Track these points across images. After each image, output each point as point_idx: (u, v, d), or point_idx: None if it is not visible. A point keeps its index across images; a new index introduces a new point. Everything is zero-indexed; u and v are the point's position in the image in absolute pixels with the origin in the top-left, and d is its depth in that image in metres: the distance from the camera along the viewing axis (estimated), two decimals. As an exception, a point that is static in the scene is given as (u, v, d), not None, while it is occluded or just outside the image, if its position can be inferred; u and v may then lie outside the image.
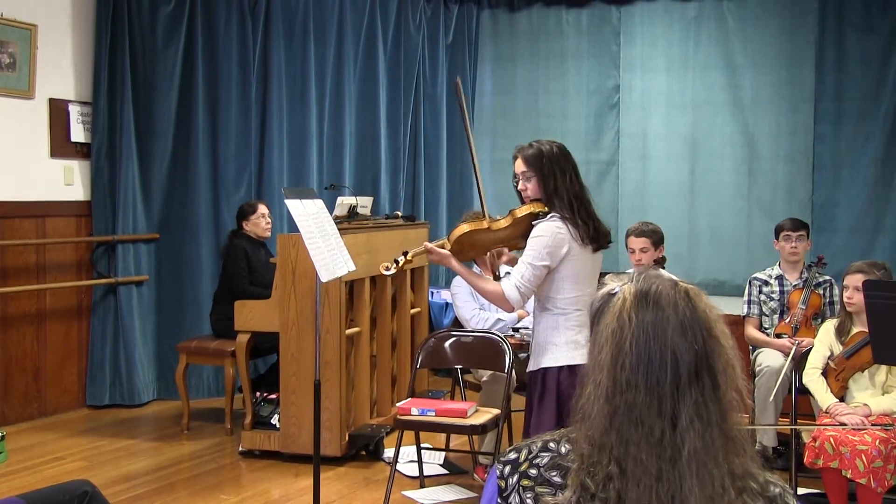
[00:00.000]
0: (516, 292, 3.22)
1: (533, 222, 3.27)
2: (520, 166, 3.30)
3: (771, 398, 4.52)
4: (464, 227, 3.37)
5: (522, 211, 3.30)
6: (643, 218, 5.53)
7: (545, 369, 3.23)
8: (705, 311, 1.36)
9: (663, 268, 4.61)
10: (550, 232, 3.19)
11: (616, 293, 1.40)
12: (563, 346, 3.21)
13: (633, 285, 1.39)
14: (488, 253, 3.58)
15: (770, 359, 4.67)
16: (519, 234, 3.34)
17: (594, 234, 3.22)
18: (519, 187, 3.32)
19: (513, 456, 1.45)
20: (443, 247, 3.40)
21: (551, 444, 1.44)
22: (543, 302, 3.29)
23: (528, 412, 3.32)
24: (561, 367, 3.19)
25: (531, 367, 3.32)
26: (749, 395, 4.21)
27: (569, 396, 3.10)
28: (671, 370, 1.32)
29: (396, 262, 3.42)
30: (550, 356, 3.23)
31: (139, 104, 6.21)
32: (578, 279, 3.22)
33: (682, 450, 1.30)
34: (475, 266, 5.05)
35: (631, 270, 4.76)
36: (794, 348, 4.58)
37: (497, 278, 3.45)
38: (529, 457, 1.43)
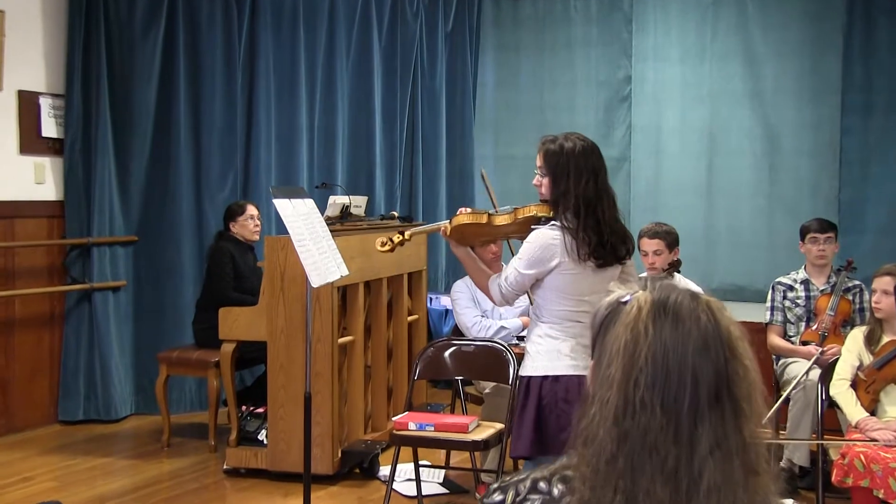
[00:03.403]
0: (498, 292, 3.36)
1: (532, 226, 3.30)
2: (539, 160, 3.31)
3: (809, 414, 4.49)
4: (462, 218, 3.44)
5: (525, 213, 3.35)
6: (656, 218, 5.51)
7: (528, 378, 3.27)
8: (729, 329, 1.31)
9: (678, 271, 4.59)
10: (542, 242, 3.21)
11: (627, 301, 1.34)
12: (544, 354, 3.25)
13: (649, 294, 1.33)
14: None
15: (802, 370, 4.63)
16: (520, 233, 3.40)
17: (596, 249, 3.18)
18: (534, 182, 3.33)
19: (497, 498, 1.39)
20: (444, 230, 3.47)
21: (541, 485, 1.37)
22: (534, 307, 3.37)
23: (511, 416, 3.38)
24: (544, 377, 3.22)
25: (519, 374, 3.40)
26: (768, 407, 4.21)
27: (548, 408, 3.17)
28: (690, 391, 1.26)
29: (391, 239, 3.53)
30: (532, 365, 3.27)
31: (116, 97, 6.18)
32: (568, 294, 3.23)
33: (699, 483, 1.24)
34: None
35: (644, 274, 4.75)
36: (816, 355, 4.57)
37: None
38: (517, 500, 1.37)
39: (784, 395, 4.55)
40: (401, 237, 3.51)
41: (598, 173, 3.24)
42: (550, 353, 3.22)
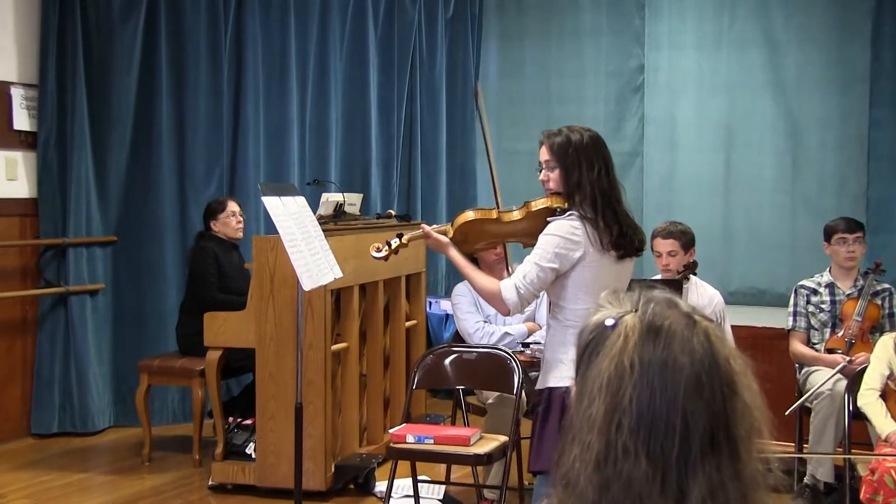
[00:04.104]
0: (514, 294, 3.26)
1: (548, 218, 3.30)
2: (543, 154, 3.34)
3: (832, 425, 4.46)
4: (469, 215, 3.44)
5: (539, 204, 3.35)
6: (671, 216, 5.51)
7: (550, 389, 3.27)
8: (728, 361, 1.25)
9: (694, 273, 4.57)
10: (564, 231, 3.22)
11: (614, 326, 1.28)
12: (569, 363, 3.20)
13: (638, 318, 1.27)
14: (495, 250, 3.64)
15: (826, 379, 4.61)
16: (533, 230, 3.37)
17: (618, 239, 3.23)
18: (541, 177, 3.36)
19: None
20: (444, 233, 3.46)
21: None
22: (554, 311, 3.35)
23: (531, 437, 3.37)
24: (567, 388, 3.18)
25: (538, 384, 3.39)
26: (772, 427, 4.19)
27: None
28: (680, 438, 1.20)
29: (389, 244, 3.49)
30: (556, 374, 3.27)
31: (93, 87, 6.17)
32: (594, 289, 3.22)
33: None
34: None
35: (658, 275, 4.73)
36: (842, 364, 4.55)
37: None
38: None
39: (800, 401, 4.53)
40: (398, 242, 3.48)
41: (609, 165, 3.31)
42: (574, 362, 3.19)
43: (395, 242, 3.49)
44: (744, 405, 1.24)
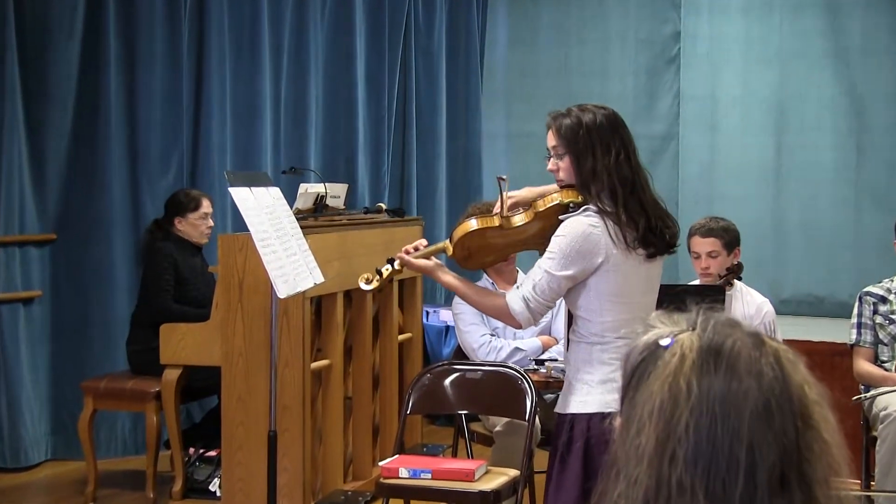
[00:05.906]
0: (523, 306, 3.27)
1: (560, 217, 3.30)
2: (551, 139, 3.32)
3: None
4: (469, 224, 3.43)
5: (547, 202, 3.34)
6: (711, 211, 5.53)
7: (573, 416, 3.27)
8: (802, 388, 1.26)
9: (739, 278, 4.59)
10: (579, 231, 3.21)
11: (668, 345, 1.29)
12: (596, 385, 3.24)
13: (697, 336, 1.29)
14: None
15: (894, 401, 4.64)
16: (546, 234, 3.35)
17: (646, 235, 3.22)
18: (549, 167, 3.34)
19: None
20: (444, 250, 3.46)
21: None
22: (576, 324, 3.34)
23: (549, 469, 3.37)
24: (592, 415, 3.23)
25: (558, 408, 3.39)
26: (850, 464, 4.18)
27: (600, 455, 3.13)
28: (744, 473, 1.21)
29: (379, 273, 3.47)
30: (579, 398, 3.27)
31: (27, 57, 6.15)
32: (622, 297, 3.23)
33: None
34: (485, 277, 5.04)
35: (696, 280, 4.75)
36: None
37: None
38: None
39: (871, 393, 4.54)
40: (390, 269, 3.47)
41: (629, 147, 3.28)
42: (605, 385, 3.20)
43: (386, 270, 3.47)
44: (821, 442, 1.24)
